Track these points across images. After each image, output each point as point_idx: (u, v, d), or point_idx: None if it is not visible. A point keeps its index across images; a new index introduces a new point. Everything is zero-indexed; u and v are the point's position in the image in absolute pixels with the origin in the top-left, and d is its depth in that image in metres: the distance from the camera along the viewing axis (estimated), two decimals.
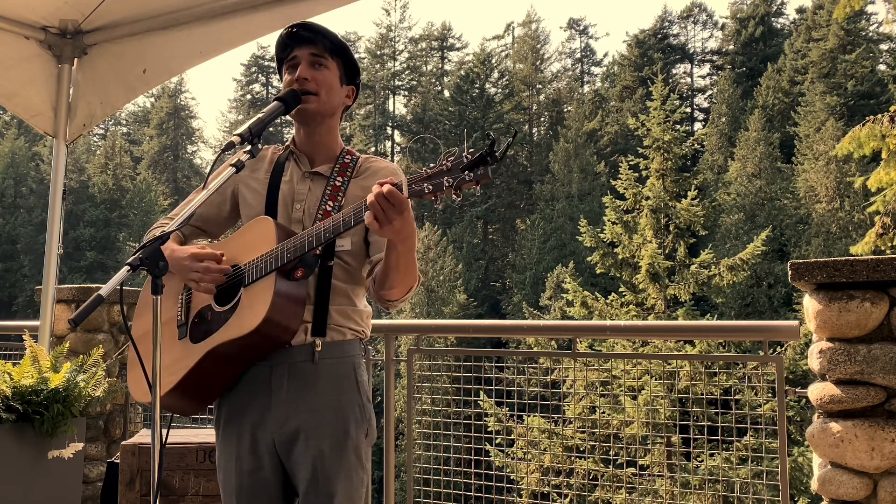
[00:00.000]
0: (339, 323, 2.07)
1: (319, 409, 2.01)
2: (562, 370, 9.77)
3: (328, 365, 2.04)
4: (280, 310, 1.90)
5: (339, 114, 2.23)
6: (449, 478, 4.07)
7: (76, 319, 1.68)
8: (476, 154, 1.64)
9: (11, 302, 41.60)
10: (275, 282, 1.90)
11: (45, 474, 3.60)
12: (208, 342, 1.98)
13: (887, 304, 2.56)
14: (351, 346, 2.09)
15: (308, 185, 2.15)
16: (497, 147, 1.64)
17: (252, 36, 3.88)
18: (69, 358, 3.97)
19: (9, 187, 45.52)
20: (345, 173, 2.15)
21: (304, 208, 2.11)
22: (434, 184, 1.66)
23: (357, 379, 2.08)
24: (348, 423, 2.03)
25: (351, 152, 2.23)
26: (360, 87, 2.28)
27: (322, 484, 1.98)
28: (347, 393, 2.05)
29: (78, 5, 4.03)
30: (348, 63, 2.21)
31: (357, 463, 2.03)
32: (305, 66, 2.12)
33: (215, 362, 1.99)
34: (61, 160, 4.30)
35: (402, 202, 1.71)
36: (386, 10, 58.04)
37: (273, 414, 2.02)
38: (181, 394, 2.02)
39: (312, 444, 1.99)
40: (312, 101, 2.12)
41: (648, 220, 17.05)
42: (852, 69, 40.79)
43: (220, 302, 2.02)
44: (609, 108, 49.94)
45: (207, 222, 2.28)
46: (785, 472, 3.14)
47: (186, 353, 2.02)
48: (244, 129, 2.06)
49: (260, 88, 59.65)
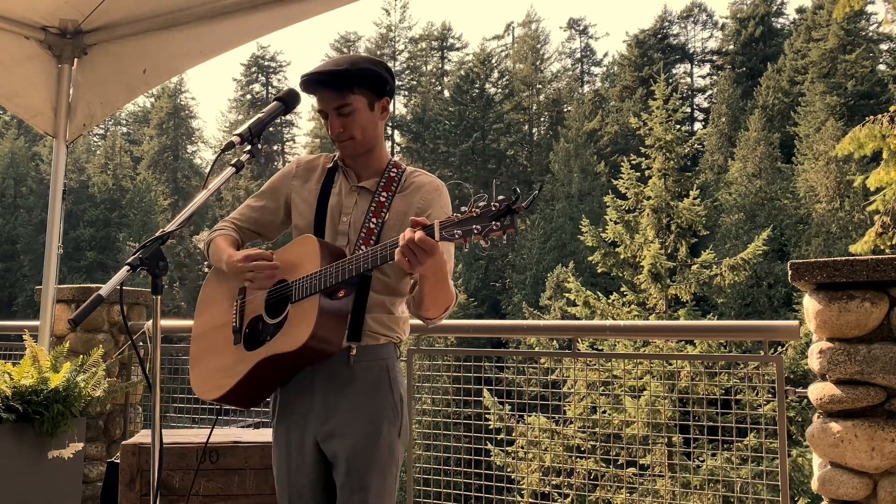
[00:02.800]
0: (374, 330, 2.18)
1: (354, 409, 2.14)
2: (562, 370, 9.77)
3: (362, 368, 2.16)
4: (324, 327, 2.05)
5: (380, 132, 2.30)
6: (449, 478, 4.07)
7: (76, 319, 1.69)
8: (503, 204, 1.75)
9: (11, 302, 41.60)
10: (319, 303, 2.05)
11: (45, 474, 3.60)
12: (260, 352, 2.13)
13: (887, 304, 2.56)
14: (385, 349, 2.20)
15: (355, 199, 2.25)
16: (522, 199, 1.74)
17: (252, 36, 3.89)
18: (69, 358, 3.97)
19: (9, 187, 45.50)
20: (389, 188, 2.25)
21: (349, 221, 2.23)
22: (464, 230, 1.78)
23: (391, 380, 2.20)
24: (381, 421, 2.15)
25: (397, 165, 2.31)
26: (393, 91, 2.30)
27: (356, 479, 2.10)
28: (381, 393, 2.17)
29: (78, 5, 4.03)
30: (373, 82, 2.21)
31: (390, 459, 2.16)
32: (335, 119, 2.20)
33: (266, 370, 2.14)
34: (61, 160, 4.30)
35: (433, 247, 1.83)
36: (386, 10, 57.90)
37: (315, 414, 2.17)
38: (237, 394, 2.19)
39: (347, 441, 2.12)
40: (349, 146, 2.23)
41: (650, 220, 17.06)
42: (852, 69, 40.77)
43: (271, 314, 2.18)
44: (609, 108, 49.91)
45: (263, 227, 2.40)
46: (785, 472, 3.14)
47: (241, 359, 2.18)
48: (244, 129, 2.08)
49: (260, 88, 59.60)
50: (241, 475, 3.14)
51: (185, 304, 41.29)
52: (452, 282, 2.15)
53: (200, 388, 2.28)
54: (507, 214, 1.74)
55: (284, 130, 58.55)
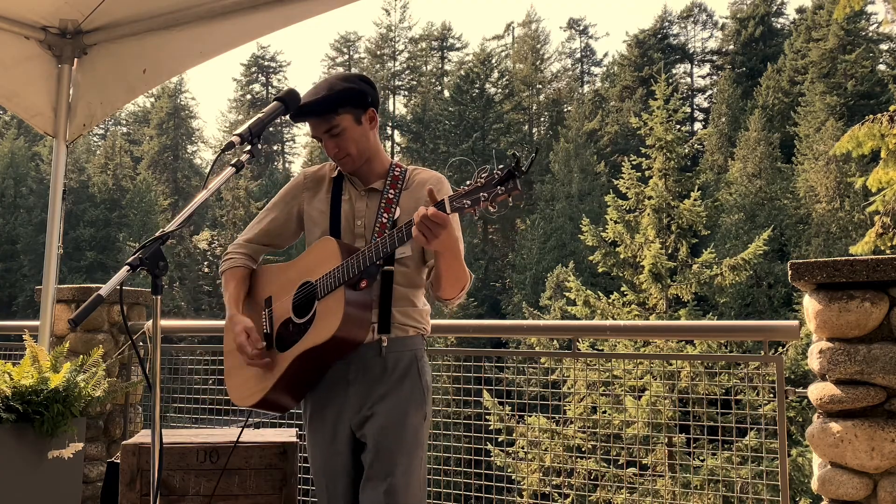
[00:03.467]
0: (401, 321, 2.31)
1: (386, 396, 2.27)
2: (563, 370, 9.77)
3: (394, 358, 2.30)
4: (351, 317, 2.17)
5: (373, 141, 2.40)
6: (449, 478, 4.07)
7: (76, 319, 1.69)
8: (505, 170, 1.87)
9: (11, 302, 41.58)
10: (344, 294, 2.16)
11: (45, 474, 3.60)
12: (294, 350, 2.24)
13: (887, 304, 2.56)
14: (413, 340, 2.34)
15: (366, 202, 2.37)
16: (521, 163, 1.87)
17: (252, 36, 3.88)
18: (69, 358, 3.97)
19: (9, 187, 45.47)
20: (396, 185, 2.37)
21: (364, 223, 2.35)
22: (472, 199, 1.90)
23: (419, 368, 2.34)
24: (409, 405, 2.28)
25: (399, 165, 2.44)
26: (376, 100, 2.41)
27: (384, 459, 2.22)
28: (410, 380, 2.31)
29: (78, 5, 4.03)
30: (353, 99, 2.32)
31: (416, 442, 2.28)
32: (328, 142, 2.34)
33: (302, 366, 2.25)
34: (61, 160, 4.29)
35: (445, 220, 1.97)
36: (386, 10, 57.96)
37: (350, 404, 2.29)
38: (275, 396, 2.31)
39: (377, 425, 2.25)
40: (348, 162, 2.36)
41: (650, 220, 17.07)
42: (852, 69, 40.77)
43: (299, 314, 2.29)
44: (609, 108, 49.91)
45: (275, 237, 2.53)
46: (785, 472, 3.14)
47: (275, 362, 2.30)
48: (244, 130, 2.10)
49: (260, 88, 59.61)
50: (241, 475, 3.14)
51: (184, 304, 41.28)
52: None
53: (238, 397, 2.40)
54: (510, 178, 1.86)
55: (284, 130, 58.57)
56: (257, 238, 2.51)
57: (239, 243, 2.53)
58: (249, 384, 2.34)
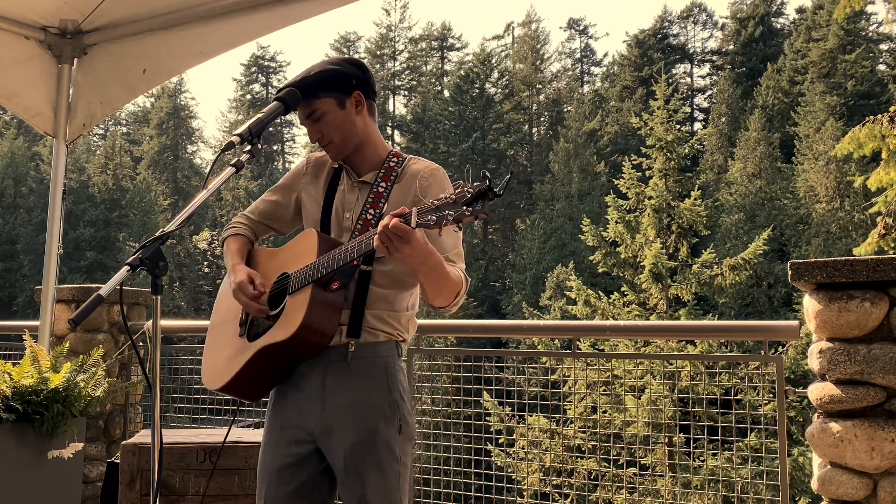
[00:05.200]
0: (373, 326, 2.17)
1: (350, 406, 2.13)
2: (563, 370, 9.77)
3: (360, 365, 2.16)
4: (315, 317, 2.06)
5: (361, 127, 2.27)
6: (449, 478, 4.06)
7: (76, 319, 1.69)
8: (476, 190, 1.75)
9: (11, 302, 41.58)
10: (311, 293, 2.07)
11: (45, 474, 3.60)
12: (257, 343, 2.16)
13: (887, 304, 2.56)
14: (384, 347, 2.19)
15: (356, 194, 2.27)
16: (494, 185, 1.75)
17: (252, 36, 3.89)
18: (69, 358, 3.97)
19: (8, 187, 45.47)
20: (388, 178, 2.25)
21: (352, 217, 2.24)
22: (438, 216, 1.79)
23: (389, 378, 2.18)
24: (377, 419, 2.13)
25: (398, 155, 2.31)
26: (364, 83, 2.28)
27: (354, 476, 2.10)
28: (378, 391, 2.16)
29: (78, 5, 4.03)
30: (335, 83, 2.22)
31: (389, 456, 2.12)
32: (310, 128, 2.25)
33: (263, 361, 2.16)
34: (61, 160, 4.30)
35: (408, 233, 1.84)
36: (386, 10, 57.92)
37: (311, 409, 2.16)
38: (237, 385, 2.23)
39: (343, 438, 2.12)
40: (332, 150, 2.27)
41: (651, 220, 17.07)
42: (852, 69, 40.76)
43: (272, 306, 2.20)
44: (609, 108, 49.89)
45: (275, 221, 2.45)
46: (785, 472, 3.14)
47: (242, 350, 2.21)
48: (244, 129, 2.08)
49: (260, 88, 59.60)
50: (241, 475, 3.14)
51: (184, 304, 41.30)
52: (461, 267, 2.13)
53: (207, 378, 2.31)
54: (480, 199, 1.75)
55: (284, 130, 58.55)
56: (259, 216, 2.44)
57: (244, 215, 2.47)
58: (218, 368, 2.28)
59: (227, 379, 2.21)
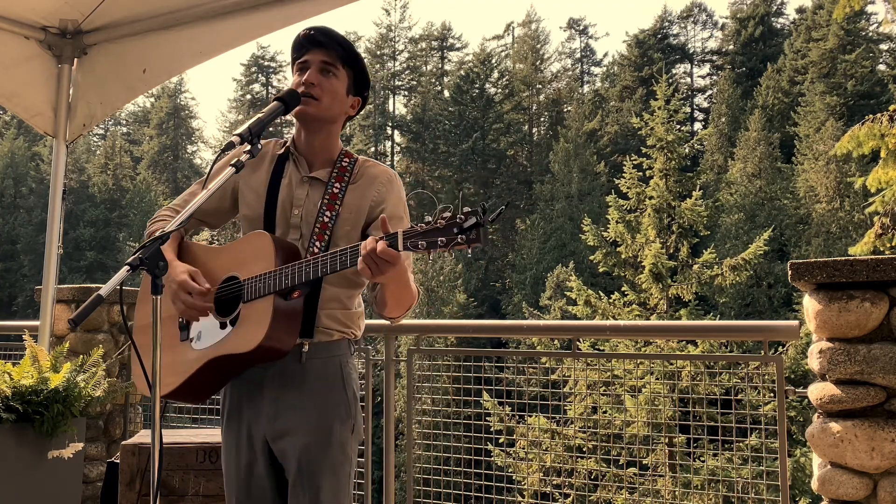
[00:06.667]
0: (326, 325, 2.14)
1: (305, 407, 2.10)
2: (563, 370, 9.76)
3: (315, 365, 2.12)
4: (278, 328, 2.00)
5: (340, 121, 2.26)
6: (449, 478, 4.06)
7: (76, 319, 1.68)
8: (470, 218, 1.71)
9: (11, 302, 41.59)
10: (273, 304, 1.99)
11: (45, 474, 3.60)
12: (209, 352, 2.08)
13: (887, 304, 2.56)
14: (338, 346, 2.16)
15: (306, 190, 2.18)
16: (489, 214, 1.72)
17: (252, 36, 3.88)
18: (69, 358, 3.97)
19: (8, 187, 45.50)
20: (342, 178, 2.19)
21: (301, 214, 2.16)
22: (429, 241, 1.74)
23: (343, 377, 2.15)
24: (332, 420, 2.11)
25: (349, 154, 2.26)
26: (366, 100, 2.32)
27: (308, 478, 2.06)
28: (333, 391, 2.13)
29: (78, 5, 4.03)
30: (359, 75, 2.25)
31: (342, 458, 2.11)
32: (314, 72, 2.17)
33: (215, 370, 2.09)
34: (61, 160, 4.29)
35: (396, 258, 1.79)
36: (386, 10, 58.00)
37: (265, 411, 2.12)
38: (184, 392, 2.14)
39: (298, 440, 2.08)
40: (313, 106, 2.15)
41: (651, 220, 17.08)
42: (852, 69, 40.77)
43: (221, 312, 2.10)
44: (609, 108, 49.90)
45: (208, 215, 2.32)
46: (785, 472, 3.14)
47: (188, 358, 2.12)
48: (244, 130, 2.07)
49: (260, 88, 59.60)
50: None
51: None
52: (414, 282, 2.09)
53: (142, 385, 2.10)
54: (474, 228, 1.71)
55: (284, 130, 58.54)
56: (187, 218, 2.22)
57: (171, 207, 2.31)
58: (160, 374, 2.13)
59: (173, 387, 2.11)
